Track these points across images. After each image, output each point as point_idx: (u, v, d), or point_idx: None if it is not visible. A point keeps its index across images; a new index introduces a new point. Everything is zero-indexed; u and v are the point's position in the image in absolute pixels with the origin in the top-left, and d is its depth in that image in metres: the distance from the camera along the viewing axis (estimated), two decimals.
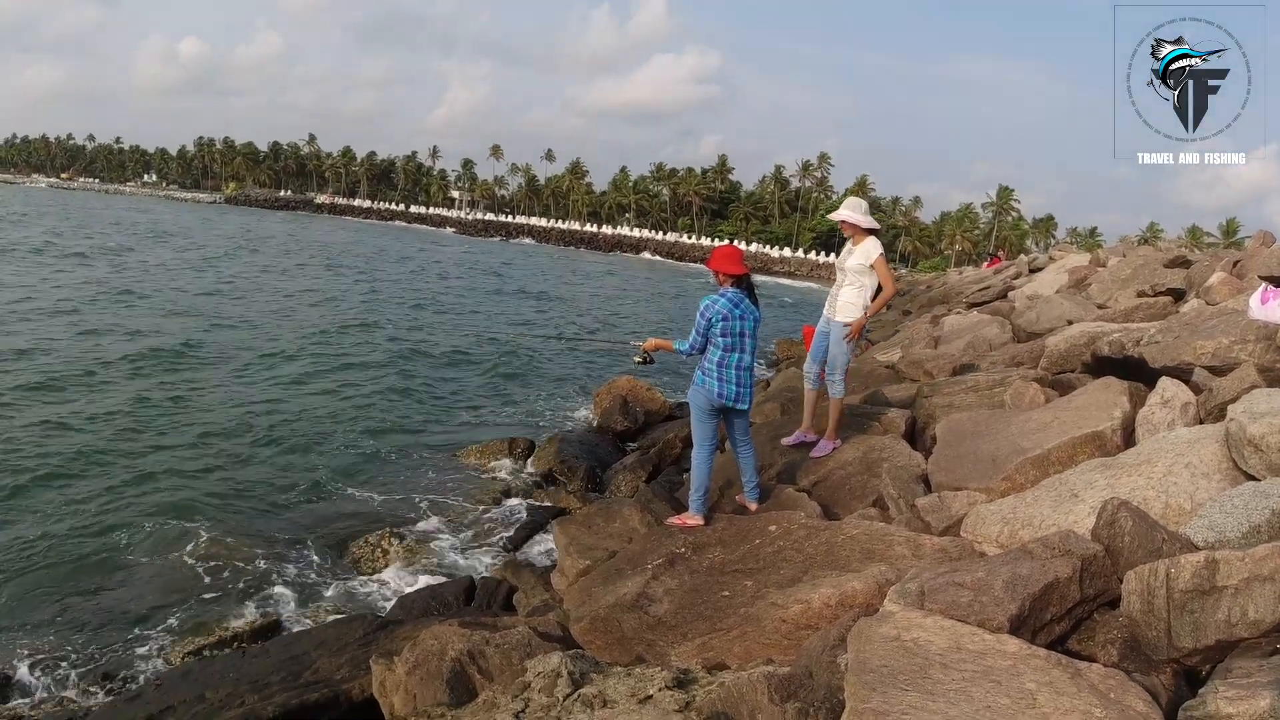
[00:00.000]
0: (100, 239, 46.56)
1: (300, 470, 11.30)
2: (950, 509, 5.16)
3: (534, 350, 22.64)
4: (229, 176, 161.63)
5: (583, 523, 6.80)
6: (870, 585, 4.13)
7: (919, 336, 15.26)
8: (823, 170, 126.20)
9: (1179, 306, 9.46)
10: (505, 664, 4.56)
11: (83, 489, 10.04)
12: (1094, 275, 15.45)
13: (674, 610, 4.73)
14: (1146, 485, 4.25)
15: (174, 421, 12.92)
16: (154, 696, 5.63)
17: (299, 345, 20.05)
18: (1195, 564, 2.91)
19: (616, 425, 12.59)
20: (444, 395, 16.87)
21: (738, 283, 5.98)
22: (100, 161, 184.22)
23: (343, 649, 5.92)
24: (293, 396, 15.29)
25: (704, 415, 6.00)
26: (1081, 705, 2.55)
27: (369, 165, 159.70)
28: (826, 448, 7.17)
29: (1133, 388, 5.89)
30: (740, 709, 3.16)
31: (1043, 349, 8.68)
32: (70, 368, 15.54)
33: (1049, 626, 3.29)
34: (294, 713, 5.10)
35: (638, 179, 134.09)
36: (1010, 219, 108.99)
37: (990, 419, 6.48)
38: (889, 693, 2.64)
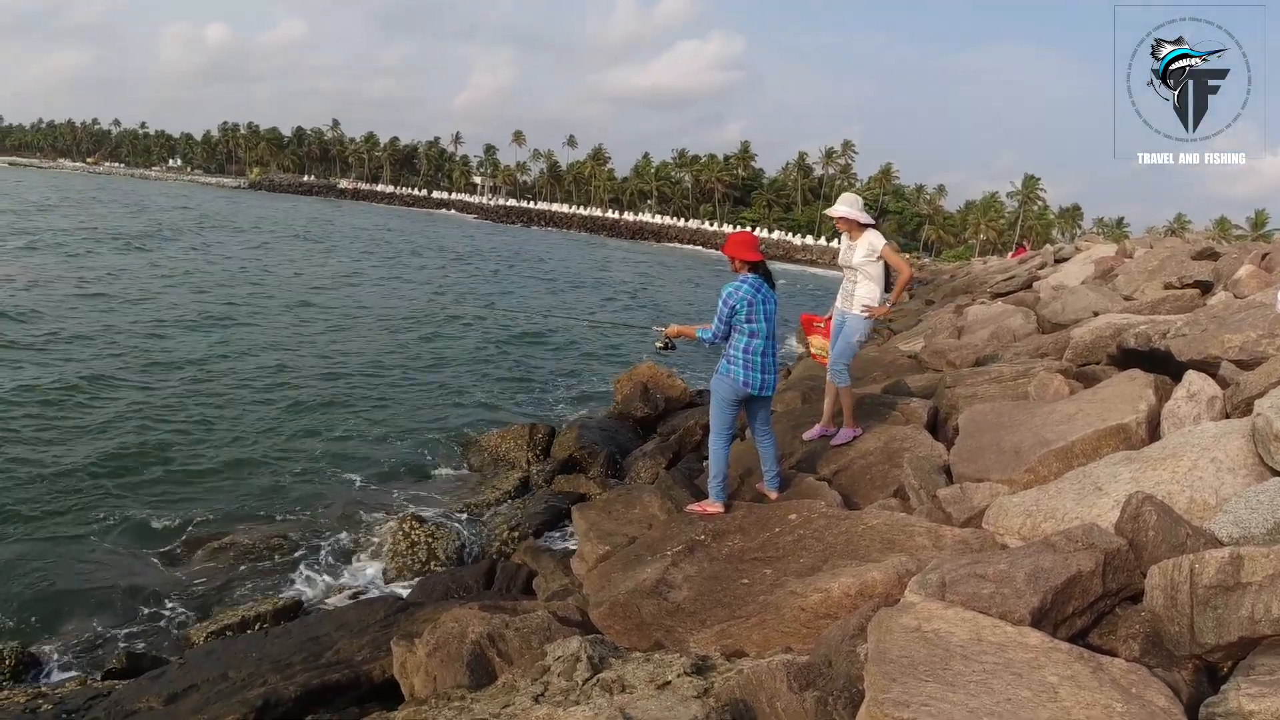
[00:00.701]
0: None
1: (320, 455, 11.41)
2: (972, 500, 5.14)
3: (557, 335, 22.70)
4: (253, 161, 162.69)
5: (603, 509, 6.82)
6: (890, 575, 4.13)
7: (942, 326, 15.17)
8: (846, 157, 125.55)
9: (1206, 299, 9.35)
10: (525, 647, 4.59)
11: (127, 470, 10.26)
12: (1121, 266, 15.29)
13: (693, 597, 4.74)
14: (1171, 480, 4.21)
15: (201, 407, 13.07)
16: (177, 675, 5.70)
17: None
18: (1220, 560, 2.88)
19: (636, 412, 12.60)
20: (469, 381, 16.95)
21: (754, 268, 5.95)
22: (126, 146, 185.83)
23: (364, 630, 5.98)
24: (323, 381, 15.42)
25: (726, 404, 5.99)
26: (1103, 700, 2.54)
27: (392, 151, 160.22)
28: (847, 435, 7.16)
29: (1158, 381, 5.83)
30: (759, 696, 3.17)
31: (1068, 340, 8.61)
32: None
33: (1070, 620, 3.28)
34: (315, 693, 5.16)
35: (660, 165, 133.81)
36: (1036, 208, 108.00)
37: (1014, 410, 6.44)
38: (909, 683, 2.63)
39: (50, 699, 5.70)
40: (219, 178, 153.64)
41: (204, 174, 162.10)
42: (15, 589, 7.41)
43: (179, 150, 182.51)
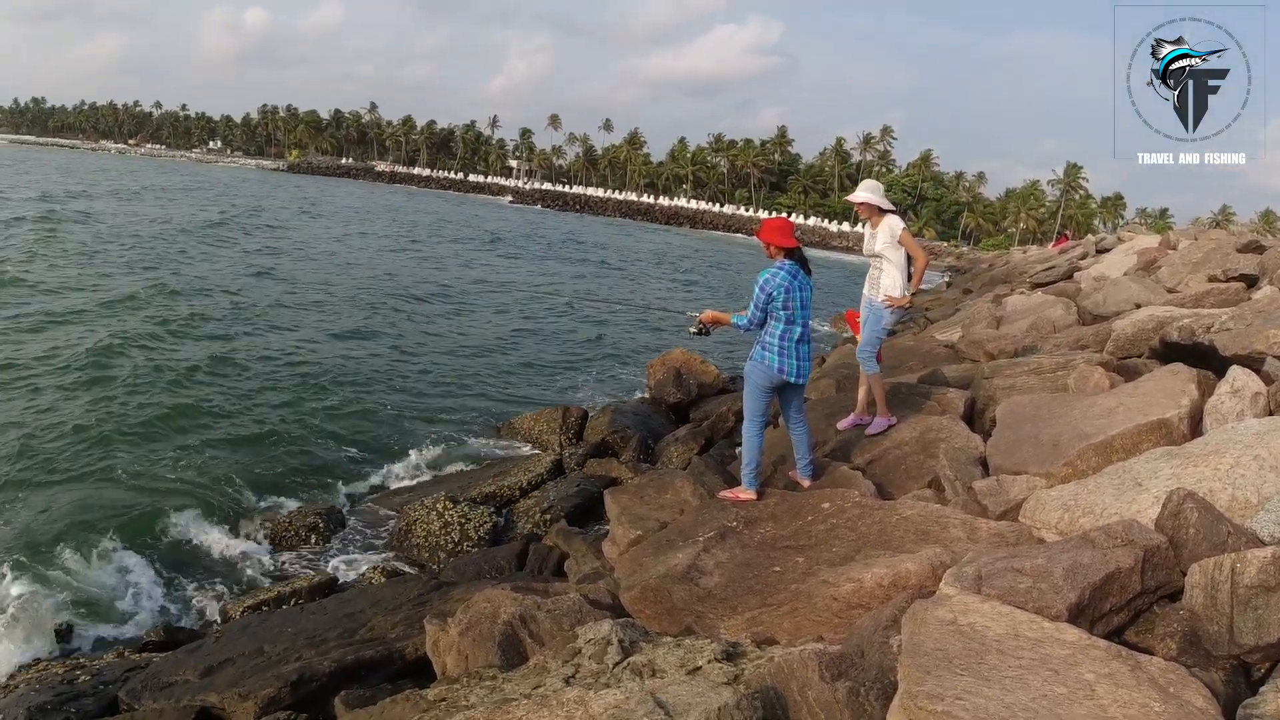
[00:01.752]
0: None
1: (356, 434, 11.56)
2: (1008, 493, 5.08)
3: (591, 318, 22.75)
4: (292, 144, 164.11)
5: (634, 493, 6.83)
6: (924, 567, 4.10)
7: (980, 316, 14.99)
8: (885, 144, 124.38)
9: (1251, 293, 9.15)
10: (556, 629, 4.63)
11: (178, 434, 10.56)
12: (1164, 258, 15.01)
13: (724, 583, 4.75)
14: (1213, 476, 4.13)
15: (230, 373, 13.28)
16: (213, 649, 5.81)
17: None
18: (1262, 559, 2.84)
19: (669, 397, 12.60)
20: (503, 363, 17.05)
21: (789, 255, 5.91)
22: (166, 128, 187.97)
23: (397, 608, 6.06)
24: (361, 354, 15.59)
25: (760, 391, 5.97)
26: (1140, 699, 2.51)
27: (429, 134, 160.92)
28: (881, 425, 7.12)
29: (1201, 375, 5.72)
30: (790, 685, 3.17)
31: (1109, 332, 8.47)
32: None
33: (1108, 617, 3.24)
34: (350, 668, 5.25)
35: (695, 150, 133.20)
36: (1078, 197, 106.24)
37: (1052, 402, 6.35)
38: (944, 676, 2.62)
39: (88, 670, 5.84)
40: (258, 160, 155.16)
41: (243, 156, 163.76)
42: (52, 561, 7.57)
43: (219, 132, 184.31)
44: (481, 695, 3.68)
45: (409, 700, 3.95)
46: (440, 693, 3.90)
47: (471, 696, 3.71)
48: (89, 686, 5.50)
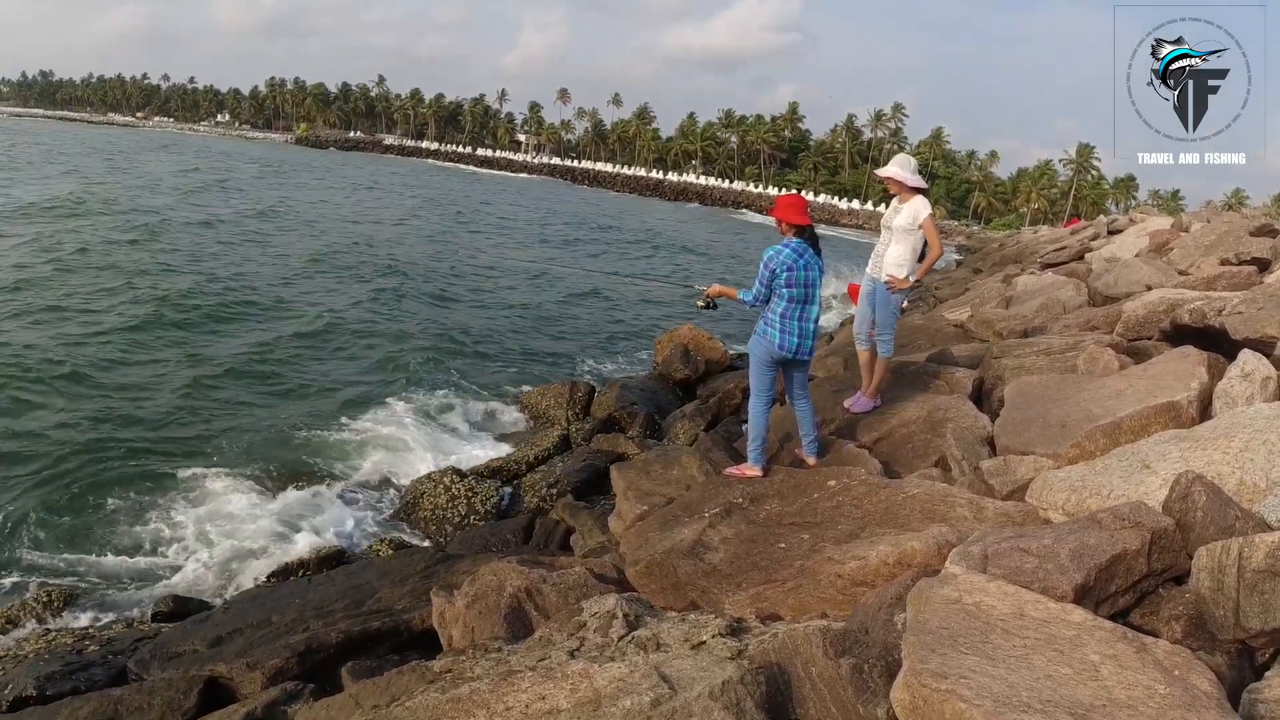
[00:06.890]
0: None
1: (361, 405, 11.58)
2: (1015, 473, 5.08)
3: (599, 293, 22.70)
4: (299, 117, 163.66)
5: (641, 468, 6.84)
6: (930, 546, 4.10)
7: (990, 295, 14.91)
8: (896, 121, 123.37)
9: (1264, 277, 9.07)
10: (561, 602, 4.65)
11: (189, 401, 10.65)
12: (1176, 240, 14.88)
13: (729, 559, 4.76)
14: (1222, 460, 4.12)
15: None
16: (222, 619, 5.85)
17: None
18: (1270, 544, 2.83)
19: (676, 373, 12.60)
20: (510, 338, 17.04)
21: (800, 233, 5.89)
22: (174, 101, 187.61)
23: (404, 580, 6.09)
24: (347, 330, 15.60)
25: (764, 366, 5.97)
26: (1145, 680, 2.52)
27: (437, 107, 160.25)
28: (866, 405, 7.11)
29: (1212, 359, 5.69)
30: (794, 661, 3.18)
31: (1119, 314, 8.41)
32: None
33: (1113, 598, 3.24)
34: (357, 639, 5.29)
35: (705, 126, 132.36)
36: (1090, 178, 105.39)
37: (1061, 383, 6.33)
38: (948, 655, 2.63)
39: (97, 639, 5.89)
40: (265, 133, 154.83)
41: (251, 129, 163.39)
42: (62, 532, 7.63)
43: (227, 105, 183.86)
44: (487, 667, 3.70)
45: (415, 671, 3.97)
46: (446, 664, 3.92)
47: (477, 668, 3.73)
48: (98, 656, 5.55)
